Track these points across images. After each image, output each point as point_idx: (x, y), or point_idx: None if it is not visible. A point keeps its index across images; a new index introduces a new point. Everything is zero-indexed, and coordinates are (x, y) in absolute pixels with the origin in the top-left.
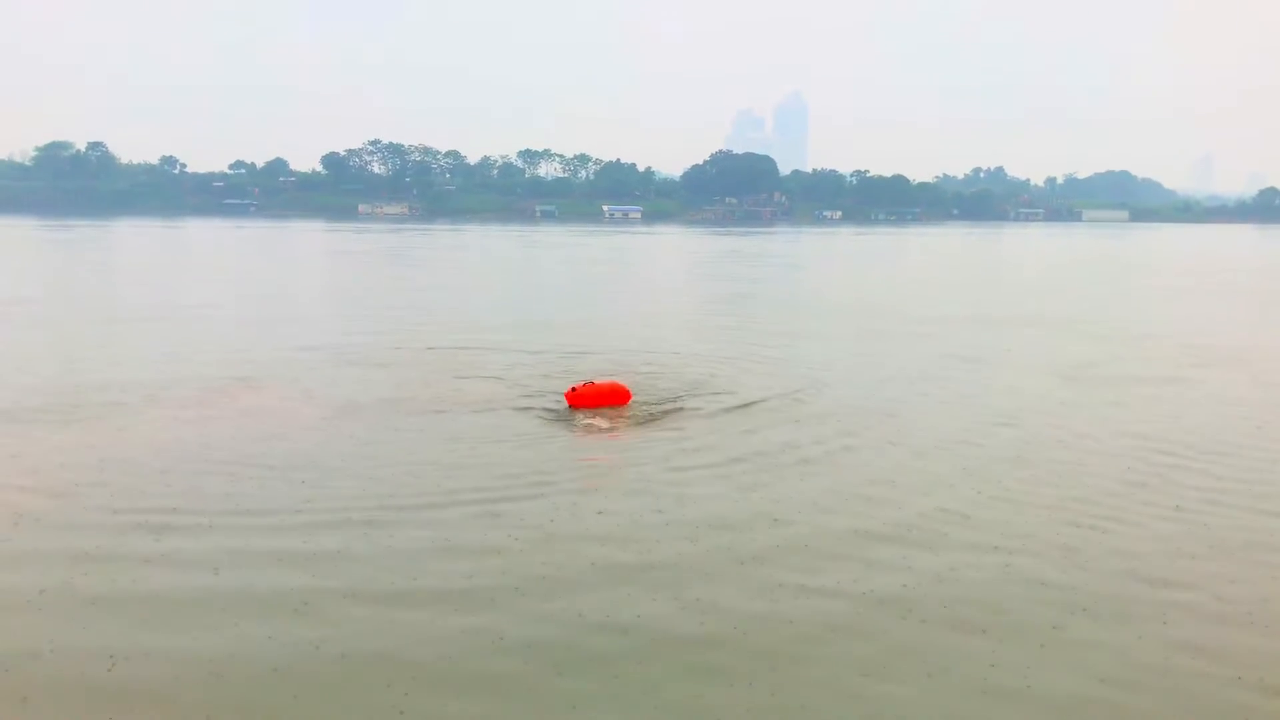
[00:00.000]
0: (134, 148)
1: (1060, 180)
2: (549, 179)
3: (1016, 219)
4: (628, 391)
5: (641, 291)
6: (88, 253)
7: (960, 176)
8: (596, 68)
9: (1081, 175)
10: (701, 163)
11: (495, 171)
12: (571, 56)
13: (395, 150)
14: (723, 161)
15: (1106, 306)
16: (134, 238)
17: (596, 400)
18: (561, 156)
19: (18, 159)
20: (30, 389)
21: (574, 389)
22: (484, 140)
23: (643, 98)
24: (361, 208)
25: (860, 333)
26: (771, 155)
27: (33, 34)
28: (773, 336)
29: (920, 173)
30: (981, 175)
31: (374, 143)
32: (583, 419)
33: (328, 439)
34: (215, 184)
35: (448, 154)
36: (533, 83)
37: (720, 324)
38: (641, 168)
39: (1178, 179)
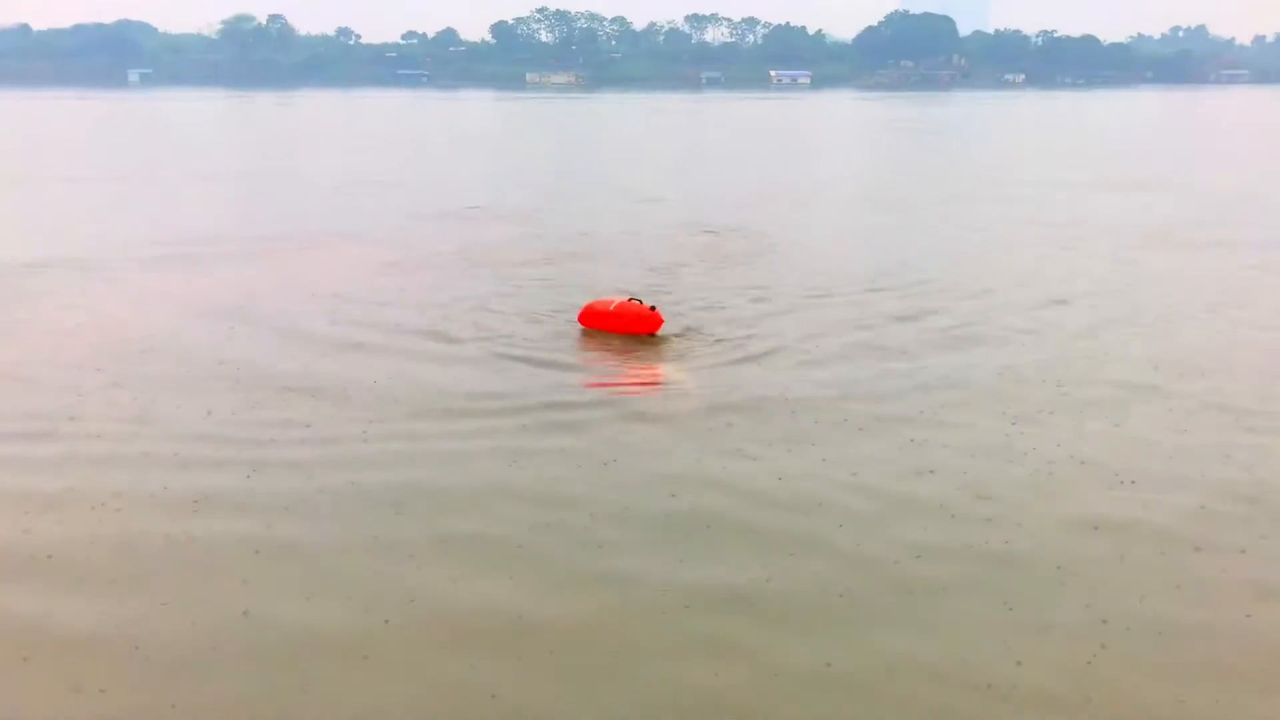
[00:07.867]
0: (311, 19)
1: (1270, 39)
2: (715, 44)
3: (1217, 81)
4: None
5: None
6: (286, 123)
7: (1157, 36)
8: None
9: None
10: (875, 24)
11: (661, 38)
12: None
13: (562, 17)
14: (898, 22)
15: None
16: (323, 108)
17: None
18: (729, 20)
19: (205, 32)
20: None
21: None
22: (651, 3)
23: None
24: (529, 77)
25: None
26: (951, 15)
27: None
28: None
29: (1113, 33)
30: (1180, 35)
31: (541, 10)
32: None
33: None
34: (388, 54)
35: (613, 20)
36: None
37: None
38: (812, 30)
39: None
